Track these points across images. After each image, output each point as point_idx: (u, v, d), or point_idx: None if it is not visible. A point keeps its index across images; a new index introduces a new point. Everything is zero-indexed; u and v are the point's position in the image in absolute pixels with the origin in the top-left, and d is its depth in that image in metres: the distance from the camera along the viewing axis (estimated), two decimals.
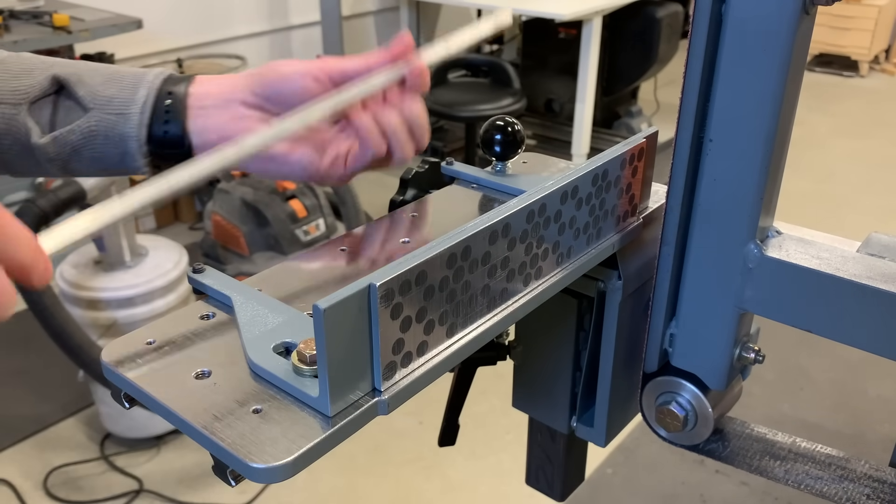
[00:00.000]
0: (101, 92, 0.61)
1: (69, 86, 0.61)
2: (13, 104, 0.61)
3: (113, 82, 0.62)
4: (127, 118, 0.61)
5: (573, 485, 0.73)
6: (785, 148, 0.48)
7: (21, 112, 0.61)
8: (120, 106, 0.61)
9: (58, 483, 2.15)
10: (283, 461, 0.35)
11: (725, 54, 0.45)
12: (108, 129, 0.61)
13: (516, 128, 0.60)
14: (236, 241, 2.78)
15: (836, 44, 5.69)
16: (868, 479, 0.54)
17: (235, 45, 3.81)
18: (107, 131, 0.61)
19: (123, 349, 0.42)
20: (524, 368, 0.66)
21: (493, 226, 0.43)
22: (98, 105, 0.61)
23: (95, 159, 0.63)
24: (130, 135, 0.61)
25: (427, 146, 0.64)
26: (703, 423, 0.55)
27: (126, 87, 0.62)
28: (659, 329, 0.54)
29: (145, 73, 0.63)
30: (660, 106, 4.63)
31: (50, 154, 0.62)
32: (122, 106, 0.61)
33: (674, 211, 0.50)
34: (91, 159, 0.63)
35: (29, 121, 0.62)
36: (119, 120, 0.61)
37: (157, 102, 0.62)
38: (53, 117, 0.62)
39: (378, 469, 2.22)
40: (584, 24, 3.57)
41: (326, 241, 0.54)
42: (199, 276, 0.47)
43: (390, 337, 0.38)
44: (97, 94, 0.61)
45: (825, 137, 4.56)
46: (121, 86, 0.62)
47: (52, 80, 0.62)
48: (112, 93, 0.62)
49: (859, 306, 0.46)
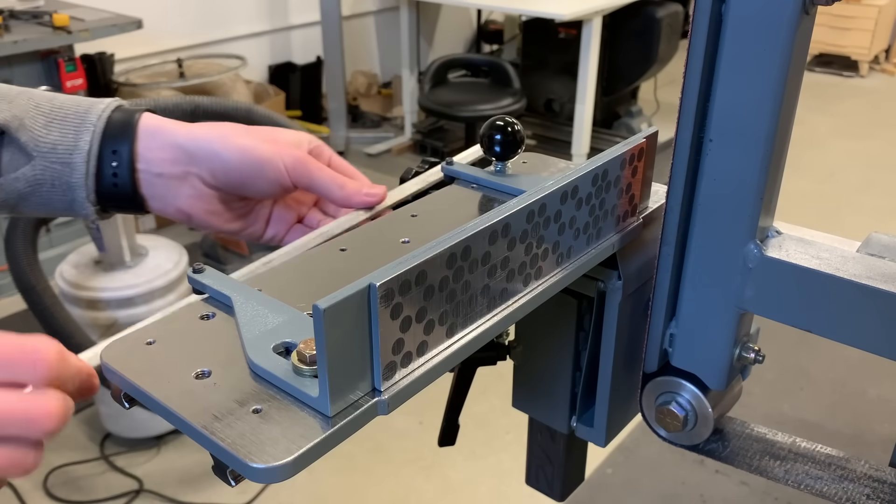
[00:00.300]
0: (44, 137, 0.59)
1: (10, 132, 0.59)
2: None
3: (55, 124, 0.59)
4: (72, 168, 0.59)
5: (573, 485, 0.73)
6: (785, 148, 0.48)
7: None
8: (63, 154, 0.59)
9: (58, 483, 2.15)
10: (283, 461, 0.35)
11: (725, 54, 0.45)
12: (54, 178, 0.60)
13: (516, 128, 0.60)
14: (236, 242, 2.78)
15: (836, 44, 5.69)
16: (868, 479, 0.54)
17: (235, 45, 3.81)
18: (52, 180, 0.60)
19: (123, 349, 0.42)
20: (524, 368, 0.66)
21: (493, 226, 0.43)
22: (41, 153, 0.59)
23: (42, 205, 0.61)
24: (77, 184, 0.60)
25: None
26: (703, 423, 0.55)
27: (69, 131, 0.59)
28: (659, 329, 0.54)
29: (88, 110, 0.60)
30: (660, 106, 4.63)
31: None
32: (65, 154, 0.59)
33: (674, 211, 0.50)
34: (38, 205, 0.61)
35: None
36: (64, 170, 0.59)
37: (103, 150, 0.59)
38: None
39: (378, 469, 2.22)
40: (584, 24, 3.57)
41: (326, 241, 0.54)
42: (199, 276, 0.47)
43: (390, 337, 0.38)
44: (39, 140, 0.59)
45: (825, 137, 4.56)
46: (63, 129, 0.59)
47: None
48: (55, 138, 0.59)
49: (859, 306, 0.46)
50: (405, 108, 4.33)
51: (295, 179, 0.60)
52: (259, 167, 0.60)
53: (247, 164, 0.60)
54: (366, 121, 4.49)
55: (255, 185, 0.61)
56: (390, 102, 4.55)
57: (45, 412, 0.36)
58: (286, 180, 0.60)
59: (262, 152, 0.60)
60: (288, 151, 0.60)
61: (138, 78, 3.17)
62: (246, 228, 0.65)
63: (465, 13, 4.99)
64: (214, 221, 0.63)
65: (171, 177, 0.61)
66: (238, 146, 0.60)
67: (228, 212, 0.64)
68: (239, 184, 0.61)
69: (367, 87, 4.52)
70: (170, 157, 0.60)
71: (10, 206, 0.61)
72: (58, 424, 0.37)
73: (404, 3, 4.16)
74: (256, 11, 3.94)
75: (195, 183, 0.61)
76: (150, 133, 0.61)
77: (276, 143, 0.61)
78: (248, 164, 0.60)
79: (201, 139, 0.60)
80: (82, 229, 2.65)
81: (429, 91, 3.70)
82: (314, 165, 0.61)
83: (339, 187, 0.60)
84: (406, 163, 3.70)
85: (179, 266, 2.21)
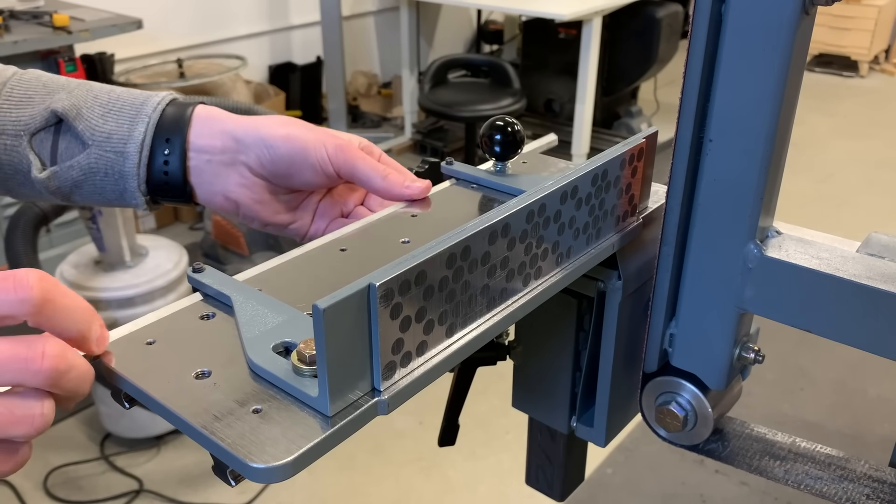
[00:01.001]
0: (100, 127, 0.61)
1: (67, 120, 0.61)
2: (14, 135, 0.61)
3: (111, 114, 0.61)
4: (125, 157, 0.61)
5: (573, 485, 0.73)
6: (785, 148, 0.48)
7: (22, 143, 0.61)
8: (118, 143, 0.61)
9: (58, 483, 2.15)
10: (282, 461, 0.34)
11: (725, 54, 0.45)
12: (108, 167, 0.61)
13: (516, 128, 0.60)
14: (236, 241, 2.78)
15: (836, 44, 5.69)
16: (868, 479, 0.54)
17: (235, 45, 3.81)
18: (106, 168, 0.61)
19: (123, 349, 0.42)
20: (524, 368, 0.66)
21: (493, 226, 0.43)
22: (96, 142, 0.61)
23: (95, 193, 0.63)
24: (129, 174, 0.61)
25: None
26: (703, 423, 0.55)
27: (124, 121, 0.61)
28: (659, 329, 0.54)
29: (144, 102, 0.62)
30: (660, 106, 4.63)
31: (51, 187, 0.62)
32: (119, 143, 0.61)
33: (674, 211, 0.50)
34: (91, 193, 0.63)
35: (30, 153, 0.61)
36: (118, 159, 0.61)
37: (156, 141, 0.61)
38: (54, 150, 0.62)
39: (378, 469, 2.22)
40: (584, 24, 3.57)
41: (326, 241, 0.54)
42: (199, 276, 0.47)
43: (390, 337, 0.38)
44: (95, 129, 0.61)
45: (825, 137, 4.56)
46: (119, 119, 0.61)
47: (51, 114, 0.61)
48: (111, 128, 0.61)
49: (859, 306, 0.46)
50: (405, 109, 4.33)
51: (338, 167, 0.61)
52: (303, 152, 0.60)
53: (292, 150, 0.60)
54: (366, 121, 4.49)
55: (301, 172, 0.61)
56: (390, 102, 4.55)
57: (28, 417, 0.36)
58: (329, 168, 0.61)
59: (307, 138, 0.61)
60: (332, 140, 0.61)
61: (138, 78, 3.17)
62: (293, 222, 0.65)
63: (465, 13, 4.99)
64: (262, 212, 0.64)
65: (220, 164, 0.62)
66: (283, 133, 0.61)
67: (276, 203, 0.64)
68: (285, 171, 0.61)
69: (367, 88, 4.52)
70: (220, 144, 0.62)
71: (65, 194, 0.63)
72: (37, 431, 0.37)
73: (404, 3, 4.16)
74: (256, 11, 3.94)
75: (243, 171, 0.62)
76: (202, 121, 0.62)
77: (321, 131, 0.62)
78: (293, 150, 0.60)
79: (249, 127, 0.62)
80: (82, 229, 2.65)
81: (429, 91, 3.70)
82: (358, 154, 0.61)
83: (382, 177, 0.60)
84: (406, 163, 3.69)
85: (179, 266, 2.21)
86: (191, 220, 3.50)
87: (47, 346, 0.36)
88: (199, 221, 3.36)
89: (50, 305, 0.37)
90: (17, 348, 0.36)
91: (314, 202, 0.66)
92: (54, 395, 0.37)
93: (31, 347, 0.36)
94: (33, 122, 0.61)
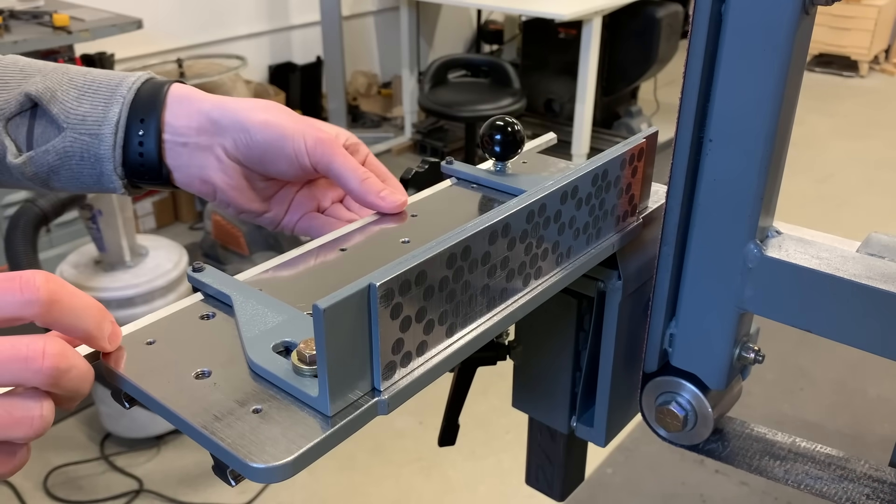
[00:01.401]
0: (75, 109, 0.59)
1: (42, 104, 0.59)
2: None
3: (86, 96, 0.60)
4: (100, 139, 0.59)
5: (573, 485, 0.73)
6: (785, 148, 0.48)
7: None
8: (92, 125, 0.59)
9: (58, 483, 2.15)
10: (283, 461, 0.34)
11: (725, 54, 0.45)
12: (83, 150, 0.60)
13: (516, 128, 0.60)
14: (236, 241, 2.78)
15: (836, 44, 5.69)
16: (868, 479, 0.54)
17: (235, 45, 3.81)
18: (82, 152, 0.60)
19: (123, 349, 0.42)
20: (524, 368, 0.66)
21: (493, 226, 0.43)
22: (71, 125, 0.59)
23: (73, 178, 0.62)
24: (105, 156, 0.60)
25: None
26: (703, 423, 0.55)
27: (99, 102, 0.60)
28: (659, 329, 0.54)
29: (120, 82, 0.61)
30: (660, 106, 4.63)
31: (27, 173, 0.61)
32: (94, 125, 0.59)
33: (674, 211, 0.50)
34: (69, 178, 0.62)
35: (5, 138, 0.60)
36: (93, 141, 0.60)
37: (131, 121, 0.60)
38: (30, 135, 0.61)
39: (378, 469, 2.22)
40: (584, 24, 3.57)
41: (326, 241, 0.54)
42: (199, 276, 0.47)
43: (390, 337, 0.38)
44: (70, 111, 0.59)
45: (825, 137, 4.56)
46: (94, 100, 0.60)
47: (25, 97, 0.60)
48: (85, 110, 0.59)
49: (859, 306, 0.46)
50: (405, 108, 4.33)
51: (315, 160, 0.59)
52: (280, 141, 0.59)
53: (269, 137, 0.59)
54: (366, 121, 4.49)
55: (276, 161, 0.60)
56: (390, 102, 4.55)
57: (27, 419, 0.36)
58: (305, 160, 0.59)
59: (286, 127, 0.59)
60: (312, 131, 0.59)
61: None
62: (267, 211, 0.64)
63: (465, 13, 4.99)
64: (237, 198, 0.62)
65: (196, 147, 0.60)
66: (262, 119, 0.59)
67: (252, 190, 0.63)
68: (259, 157, 0.60)
69: (367, 87, 4.52)
70: (196, 125, 0.60)
71: (42, 180, 0.62)
72: (36, 433, 0.37)
73: (404, 3, 4.16)
74: (256, 11, 3.94)
75: (219, 153, 0.60)
76: (177, 101, 0.61)
77: (304, 122, 0.60)
78: (270, 138, 0.59)
79: (228, 109, 0.60)
80: (82, 229, 2.64)
81: (429, 91, 3.70)
82: (338, 150, 0.59)
83: (360, 180, 0.58)
84: (406, 163, 3.70)
85: (179, 266, 2.21)
86: (191, 220, 3.50)
87: (48, 344, 0.36)
88: (199, 221, 3.36)
89: (58, 306, 0.37)
90: (18, 347, 0.36)
91: (291, 193, 0.65)
92: (54, 395, 0.37)
93: (32, 346, 0.36)
94: (8, 106, 0.60)
